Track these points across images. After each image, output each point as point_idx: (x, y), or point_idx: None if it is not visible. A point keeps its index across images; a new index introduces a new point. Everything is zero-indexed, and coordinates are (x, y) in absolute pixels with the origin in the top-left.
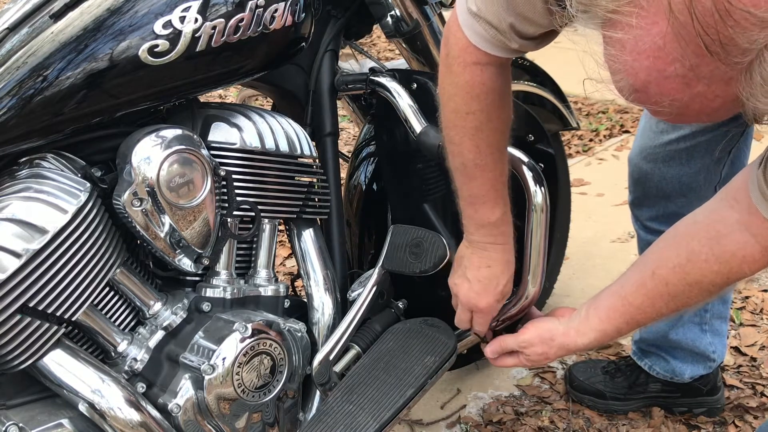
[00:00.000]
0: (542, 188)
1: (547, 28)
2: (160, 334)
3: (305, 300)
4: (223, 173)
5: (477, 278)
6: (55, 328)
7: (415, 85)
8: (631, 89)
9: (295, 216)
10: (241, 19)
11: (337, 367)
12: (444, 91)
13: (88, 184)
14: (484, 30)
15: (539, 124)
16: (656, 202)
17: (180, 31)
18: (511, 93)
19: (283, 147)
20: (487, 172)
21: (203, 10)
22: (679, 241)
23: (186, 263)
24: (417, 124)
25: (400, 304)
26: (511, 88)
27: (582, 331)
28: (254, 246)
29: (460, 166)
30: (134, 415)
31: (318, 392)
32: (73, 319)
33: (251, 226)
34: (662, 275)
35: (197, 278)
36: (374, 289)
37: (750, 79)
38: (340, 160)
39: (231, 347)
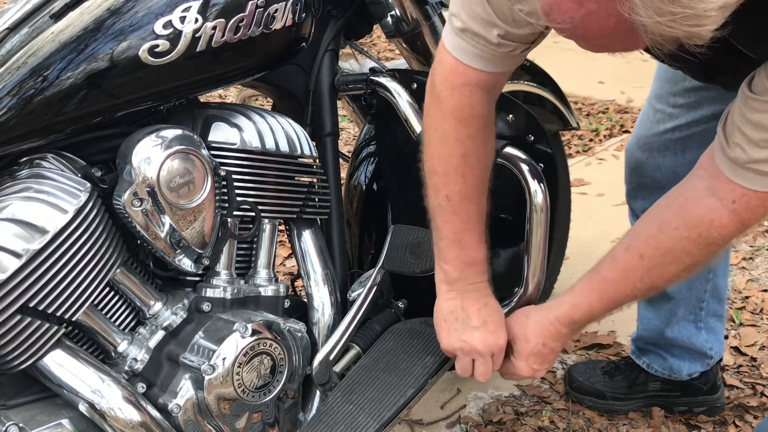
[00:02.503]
0: (542, 188)
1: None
2: (160, 334)
3: (305, 300)
4: (223, 173)
5: (484, 320)
6: (55, 328)
7: (415, 85)
8: (544, 14)
9: (295, 216)
10: (242, 19)
11: (337, 367)
12: (431, 122)
13: (88, 184)
14: (472, 46)
15: (539, 124)
16: (651, 193)
17: (180, 31)
18: (494, 128)
19: (283, 147)
20: (473, 204)
21: (203, 10)
22: (651, 214)
23: (186, 263)
24: (417, 124)
25: (400, 304)
26: (494, 123)
27: (554, 305)
28: (254, 246)
29: (444, 201)
30: (134, 415)
31: (318, 392)
32: (73, 319)
33: (251, 226)
34: (636, 247)
35: (197, 278)
36: (374, 289)
37: None
38: (340, 160)
39: (231, 347)
